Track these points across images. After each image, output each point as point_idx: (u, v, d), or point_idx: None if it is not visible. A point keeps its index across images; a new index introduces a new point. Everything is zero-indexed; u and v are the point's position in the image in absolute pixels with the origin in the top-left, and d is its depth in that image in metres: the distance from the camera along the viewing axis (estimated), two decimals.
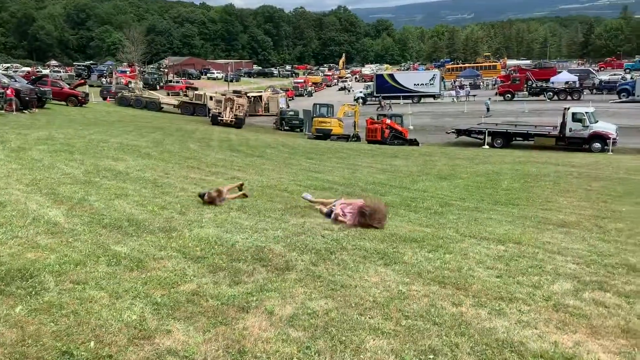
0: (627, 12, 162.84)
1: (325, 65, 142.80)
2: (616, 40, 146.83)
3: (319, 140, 29.60)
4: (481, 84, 72.72)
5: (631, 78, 58.27)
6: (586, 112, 26.92)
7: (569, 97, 50.38)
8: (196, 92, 46.39)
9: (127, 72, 72.65)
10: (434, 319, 4.15)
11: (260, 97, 48.77)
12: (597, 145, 26.02)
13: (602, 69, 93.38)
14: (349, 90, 72.81)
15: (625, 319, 4.30)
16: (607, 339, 3.92)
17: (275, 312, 4.13)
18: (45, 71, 69.54)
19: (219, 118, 35.07)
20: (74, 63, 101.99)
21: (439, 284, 4.97)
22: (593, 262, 5.98)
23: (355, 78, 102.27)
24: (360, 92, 61.99)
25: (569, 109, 27.65)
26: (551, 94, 52.41)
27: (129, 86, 50.17)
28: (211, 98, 40.34)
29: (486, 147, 27.66)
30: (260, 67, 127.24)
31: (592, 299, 4.74)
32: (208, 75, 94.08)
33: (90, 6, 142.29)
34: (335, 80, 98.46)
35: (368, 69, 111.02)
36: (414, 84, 57.89)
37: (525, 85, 56.25)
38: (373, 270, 5.29)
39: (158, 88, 61.01)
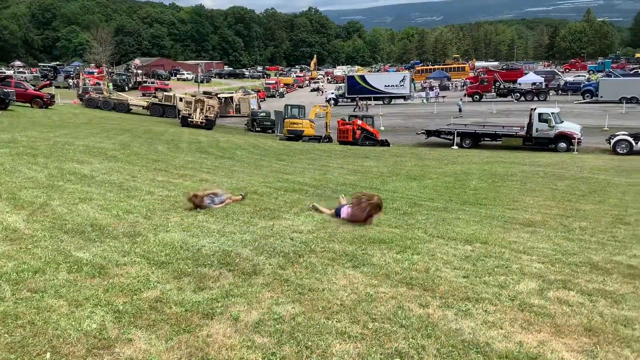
0: (590, 15, 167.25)
1: (297, 66, 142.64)
2: (580, 43, 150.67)
3: (290, 142, 29.51)
4: (450, 85, 73.66)
5: (595, 80, 59.80)
6: (552, 113, 27.49)
7: (535, 98, 51.45)
8: (165, 93, 45.74)
9: (95, 73, 71.24)
10: (401, 321, 4.13)
11: (232, 98, 48.33)
12: (563, 145, 26.60)
13: (567, 70, 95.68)
14: (322, 92, 72.83)
15: (588, 317, 4.37)
16: (570, 338, 3.97)
17: (240, 318, 4.05)
18: (9, 72, 67.68)
19: (189, 119, 34.65)
20: (39, 64, 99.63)
21: (406, 285, 4.97)
22: (558, 261, 6.08)
23: (327, 79, 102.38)
24: (332, 93, 62.08)
25: (535, 109, 28.19)
26: (518, 94, 53.44)
27: (101, 86, 49.12)
28: (181, 99, 39.82)
29: (455, 147, 28.00)
30: (231, 68, 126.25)
31: (556, 298, 4.80)
32: (178, 76, 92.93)
33: (56, 6, 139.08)
34: (307, 82, 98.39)
35: (339, 71, 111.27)
36: (385, 86, 58.22)
37: (493, 87, 57.21)
38: (341, 272, 5.25)
39: (127, 89, 60.01)
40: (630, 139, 24.98)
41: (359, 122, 29.97)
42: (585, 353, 3.74)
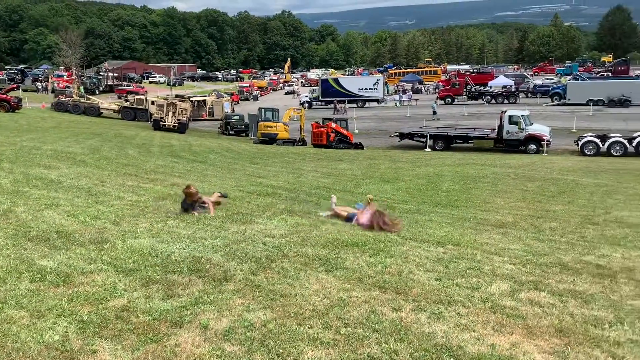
0: (557, 20, 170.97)
1: (270, 69, 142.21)
2: (548, 47, 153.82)
3: (264, 145, 29.37)
4: (422, 88, 74.35)
5: (564, 83, 61.07)
6: (522, 115, 27.94)
7: (505, 101, 52.27)
8: (137, 96, 45.05)
9: (65, 77, 69.85)
10: (374, 325, 4.09)
11: (204, 101, 47.89)
12: (533, 146, 27.05)
13: (536, 73, 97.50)
14: (298, 94, 72.70)
15: (559, 318, 4.40)
16: (541, 339, 3.99)
17: (210, 326, 3.96)
18: None
19: (161, 123, 34.19)
20: (6, 67, 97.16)
21: (379, 288, 4.94)
22: (529, 262, 6.13)
23: (301, 83, 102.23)
24: (306, 96, 62.08)
25: (505, 112, 28.61)
26: (489, 97, 54.25)
27: (71, 90, 48.06)
28: (153, 102, 39.30)
29: (428, 150, 28.24)
30: (204, 71, 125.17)
31: (527, 299, 4.83)
32: (150, 79, 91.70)
33: (23, 8, 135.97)
34: (281, 85, 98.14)
35: (313, 74, 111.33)
36: (359, 89, 58.46)
37: (465, 90, 57.97)
38: (314, 277, 5.19)
39: (97, 92, 58.96)
40: (597, 141, 25.57)
41: (333, 125, 30.00)
42: (557, 354, 3.76)
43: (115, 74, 75.24)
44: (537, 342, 3.94)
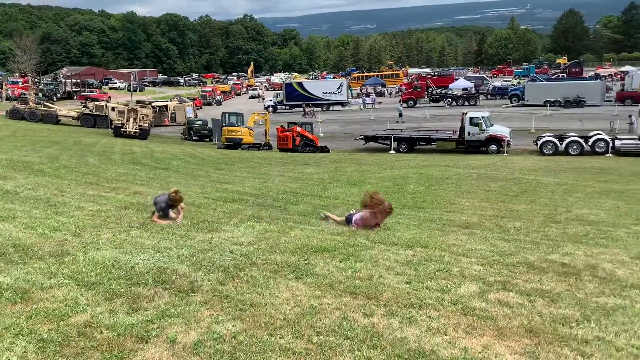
0: (514, 23, 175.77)
1: (233, 73, 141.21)
2: (506, 49, 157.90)
3: (229, 150, 29.09)
4: (385, 91, 75.12)
5: (519, 84, 62.63)
6: (482, 117, 28.55)
7: (466, 103, 53.37)
8: (97, 102, 44.03)
9: (20, 83, 67.73)
10: (346, 332, 4.04)
11: (166, 106, 47.19)
12: (493, 147, 27.67)
13: (495, 75, 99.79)
14: (263, 99, 72.40)
15: (528, 318, 4.44)
16: (512, 340, 4.01)
17: (177, 339, 3.83)
18: None
19: (122, 130, 33.54)
20: None
21: (350, 294, 4.89)
22: (496, 262, 6.19)
23: (265, 87, 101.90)
24: (271, 100, 61.92)
25: (466, 114, 29.18)
26: (450, 100, 55.29)
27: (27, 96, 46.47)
28: (113, 109, 38.49)
29: (392, 152, 28.51)
30: (165, 76, 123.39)
31: (497, 300, 4.86)
32: (110, 85, 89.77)
33: None
34: (245, 89, 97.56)
35: (277, 78, 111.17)
36: (323, 92, 58.68)
37: (426, 92, 58.88)
38: (284, 285, 5.11)
39: (55, 99, 57.35)
40: (556, 140, 26.33)
41: (299, 129, 29.98)
42: (528, 355, 3.78)
43: (74, 80, 73.27)
44: (508, 343, 3.96)
